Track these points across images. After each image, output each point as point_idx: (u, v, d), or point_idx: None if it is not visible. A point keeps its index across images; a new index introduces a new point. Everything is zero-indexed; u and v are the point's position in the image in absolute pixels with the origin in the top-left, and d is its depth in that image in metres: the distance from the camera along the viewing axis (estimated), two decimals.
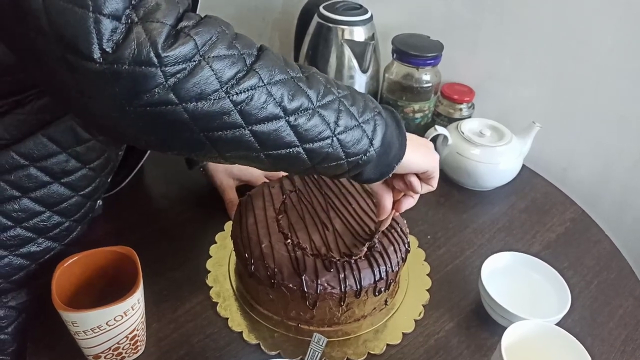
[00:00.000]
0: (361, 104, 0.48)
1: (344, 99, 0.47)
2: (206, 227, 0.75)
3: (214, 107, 0.39)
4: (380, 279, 0.60)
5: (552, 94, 0.92)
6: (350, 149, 0.47)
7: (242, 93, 0.40)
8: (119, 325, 0.52)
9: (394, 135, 0.50)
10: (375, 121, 0.48)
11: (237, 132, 0.41)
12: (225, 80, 0.39)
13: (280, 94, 0.41)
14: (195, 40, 0.38)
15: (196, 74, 0.37)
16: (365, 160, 0.48)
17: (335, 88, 0.47)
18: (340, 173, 0.49)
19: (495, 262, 0.66)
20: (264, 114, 0.41)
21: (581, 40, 0.85)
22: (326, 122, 0.45)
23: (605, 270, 0.73)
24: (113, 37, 0.35)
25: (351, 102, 0.47)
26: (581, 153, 0.93)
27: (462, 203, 0.85)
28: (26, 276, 0.57)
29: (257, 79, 0.40)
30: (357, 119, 0.47)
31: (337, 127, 0.45)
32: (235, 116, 0.40)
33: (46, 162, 0.51)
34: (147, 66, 0.36)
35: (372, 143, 0.48)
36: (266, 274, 0.59)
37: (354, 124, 0.46)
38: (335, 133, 0.45)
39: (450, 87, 0.95)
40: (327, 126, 0.45)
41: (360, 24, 0.89)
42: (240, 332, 0.61)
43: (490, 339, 0.63)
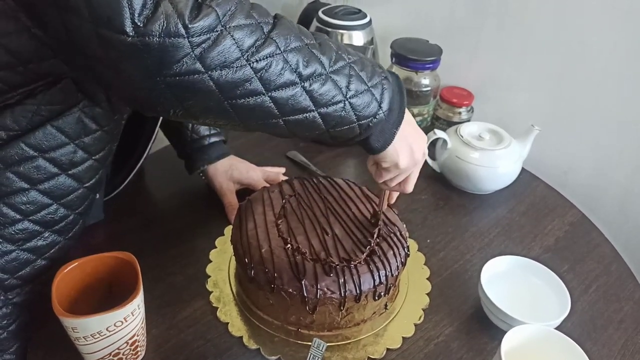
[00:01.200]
0: (369, 69, 0.50)
1: (354, 64, 0.49)
2: (206, 231, 0.75)
3: (237, 75, 0.41)
4: (380, 283, 0.60)
5: (551, 98, 0.92)
6: (361, 112, 0.49)
7: (261, 60, 0.42)
8: (119, 331, 0.52)
9: (395, 101, 0.53)
10: (382, 85, 0.51)
11: (259, 99, 0.43)
12: (245, 48, 0.41)
13: (295, 61, 0.44)
14: (217, 11, 0.39)
15: (220, 43, 0.39)
16: (375, 122, 0.51)
17: (346, 54, 0.49)
18: (352, 136, 0.51)
19: (495, 266, 0.66)
20: (282, 80, 0.43)
21: (580, 44, 0.85)
22: (338, 86, 0.47)
23: (605, 274, 0.73)
24: (144, 12, 0.37)
25: (360, 67, 0.49)
26: (581, 156, 0.93)
27: (461, 207, 0.85)
28: (31, 271, 0.57)
29: (275, 46, 0.42)
30: (366, 83, 0.49)
31: (349, 91, 0.47)
32: (256, 83, 0.42)
33: (55, 153, 0.52)
34: (175, 37, 0.38)
35: (381, 106, 0.50)
36: (266, 279, 0.59)
37: (364, 88, 0.49)
38: (347, 97, 0.47)
39: (450, 90, 0.95)
40: (340, 91, 0.47)
41: (359, 28, 0.90)
42: (241, 337, 0.61)
43: (490, 343, 0.63)
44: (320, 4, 0.99)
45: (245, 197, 0.70)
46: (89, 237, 0.72)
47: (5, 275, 0.54)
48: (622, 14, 0.79)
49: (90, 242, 0.71)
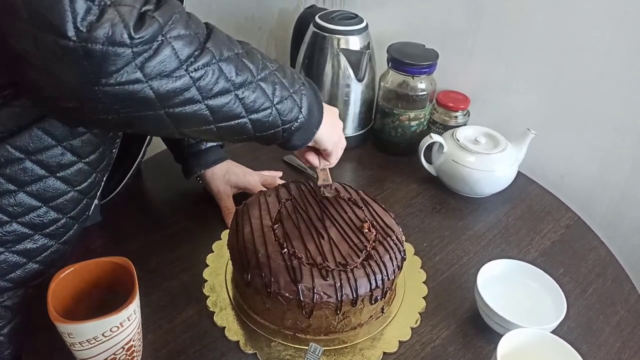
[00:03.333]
0: (290, 76, 0.54)
1: (277, 71, 0.52)
2: (203, 235, 0.75)
3: (176, 84, 0.42)
4: (377, 287, 0.60)
5: (547, 101, 0.92)
6: (285, 117, 0.52)
7: (199, 70, 0.43)
8: (115, 336, 0.51)
9: (314, 103, 0.57)
10: (302, 91, 0.54)
11: (195, 107, 0.44)
12: (184, 58, 0.42)
13: (229, 69, 0.46)
14: (159, 21, 0.40)
15: (160, 53, 0.40)
16: (296, 126, 0.54)
17: (269, 62, 0.52)
18: (274, 140, 0.55)
19: (491, 270, 0.67)
20: (218, 88, 0.45)
21: (576, 48, 0.86)
22: (266, 93, 0.50)
23: (601, 277, 0.74)
24: (87, 17, 0.37)
25: (283, 74, 0.53)
26: (577, 160, 0.93)
27: (458, 210, 0.85)
28: (23, 275, 0.56)
29: (211, 56, 0.44)
30: (289, 89, 0.52)
31: (275, 97, 0.51)
32: (194, 91, 0.43)
33: (42, 156, 0.52)
34: (120, 46, 0.38)
35: (302, 111, 0.54)
36: (262, 283, 0.59)
37: (287, 94, 0.52)
38: (274, 103, 0.51)
39: (446, 95, 0.96)
40: (267, 97, 0.50)
41: (355, 33, 0.90)
42: (237, 341, 0.61)
43: (486, 346, 0.63)
44: (317, 9, 0.99)
45: (242, 201, 0.71)
46: (86, 242, 0.72)
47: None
48: (617, 18, 0.80)
49: (87, 246, 0.71)
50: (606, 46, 0.83)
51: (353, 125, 0.97)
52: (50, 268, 0.60)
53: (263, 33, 1.22)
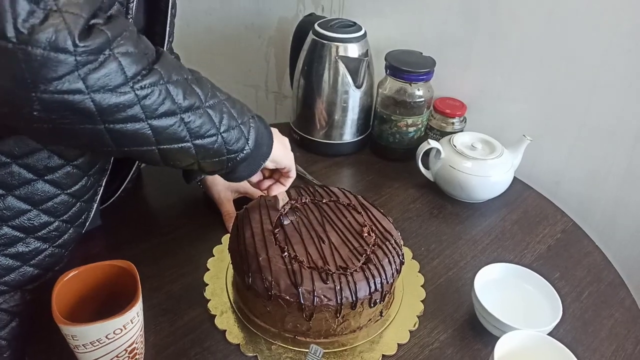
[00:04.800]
0: (238, 107, 0.54)
1: (226, 101, 0.53)
2: (204, 240, 0.76)
3: (120, 99, 0.42)
4: (376, 290, 0.61)
5: (542, 109, 0.94)
6: (231, 146, 0.53)
7: (145, 88, 0.43)
8: (118, 339, 0.52)
9: (264, 136, 0.57)
10: (250, 124, 0.55)
11: (138, 125, 0.44)
12: (131, 75, 0.42)
13: (176, 92, 0.46)
14: (108, 35, 0.40)
15: (106, 66, 0.40)
16: (242, 157, 0.55)
17: (219, 92, 0.53)
18: (218, 169, 0.55)
19: (488, 274, 0.68)
20: (163, 109, 0.45)
21: (570, 57, 0.87)
22: (213, 120, 0.50)
23: (596, 281, 0.75)
24: (29, 20, 0.36)
25: (232, 104, 0.53)
26: (572, 167, 0.95)
27: (455, 215, 0.86)
28: (18, 278, 0.56)
29: (159, 76, 0.44)
30: (237, 119, 0.53)
31: (222, 125, 0.51)
32: (137, 109, 0.43)
33: (28, 160, 0.52)
34: (62, 53, 0.37)
35: (248, 142, 0.55)
36: (263, 287, 0.60)
37: (235, 124, 0.52)
38: (220, 131, 0.51)
39: (443, 101, 0.97)
40: (214, 124, 0.50)
41: (354, 40, 0.91)
42: (238, 344, 0.62)
43: (483, 349, 0.64)
44: (316, 16, 1.01)
45: (243, 206, 0.71)
46: (88, 247, 0.73)
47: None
48: (609, 28, 0.82)
49: (88, 251, 0.72)
50: (599, 55, 0.84)
51: (351, 132, 0.98)
52: (47, 272, 0.60)
53: (262, 41, 1.23)
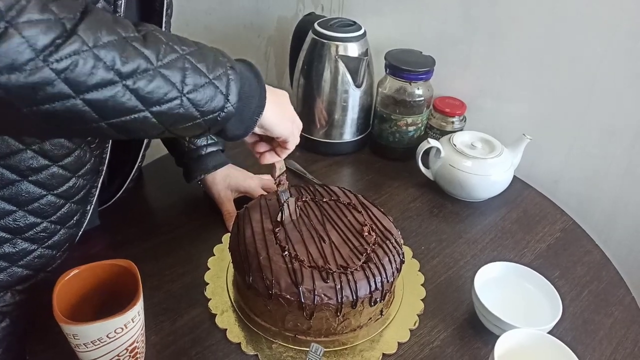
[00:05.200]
0: (211, 60, 0.47)
1: (189, 55, 0.45)
2: (204, 239, 0.76)
3: (32, 78, 0.36)
4: (376, 289, 0.61)
5: (542, 108, 0.94)
6: (204, 107, 0.46)
7: (63, 60, 0.37)
8: (119, 338, 0.52)
9: (252, 88, 0.50)
10: (228, 76, 0.47)
11: (68, 103, 0.38)
12: (40, 47, 0.36)
13: (111, 57, 0.39)
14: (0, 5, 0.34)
15: (4, 42, 0.34)
16: (224, 117, 0.48)
17: (179, 45, 0.45)
18: (200, 132, 0.49)
19: (488, 272, 0.68)
20: (95, 80, 0.39)
21: (570, 57, 0.88)
22: (171, 82, 0.43)
23: (595, 280, 0.75)
24: None
25: (198, 58, 0.46)
26: (571, 166, 0.95)
27: (455, 214, 0.86)
28: (6, 279, 0.56)
29: (80, 42, 0.38)
30: (207, 75, 0.46)
31: (185, 86, 0.44)
32: (61, 85, 0.37)
33: (11, 160, 0.50)
34: None
35: (228, 99, 0.47)
36: (264, 286, 0.60)
37: (204, 81, 0.45)
38: (183, 92, 0.44)
39: (442, 100, 0.97)
40: (173, 86, 0.43)
41: (354, 40, 0.91)
42: (239, 343, 0.62)
43: (484, 348, 0.64)
44: (316, 16, 1.01)
45: (243, 205, 0.72)
46: (88, 246, 0.73)
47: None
48: (608, 27, 0.82)
49: (89, 250, 0.72)
50: (598, 55, 0.85)
51: (351, 131, 0.98)
52: (38, 272, 0.60)
53: (262, 40, 1.23)
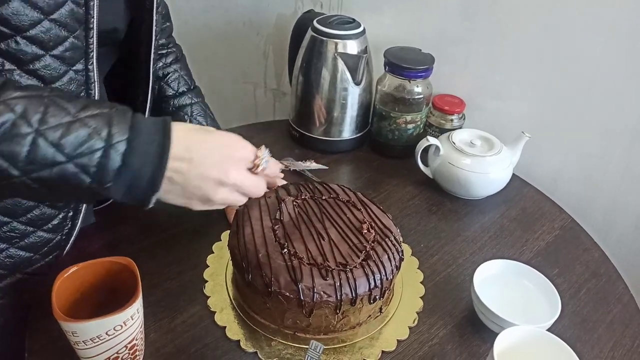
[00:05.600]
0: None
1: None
2: (203, 237, 0.76)
3: None
4: (375, 286, 0.61)
5: (541, 106, 0.94)
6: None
7: None
8: (118, 335, 0.52)
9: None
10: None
11: None
12: None
13: None
14: None
15: None
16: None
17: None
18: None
19: (487, 270, 0.68)
20: None
21: (569, 56, 0.88)
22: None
23: (594, 277, 0.75)
24: None
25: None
26: (569, 164, 0.95)
27: (453, 212, 0.86)
28: None
29: None
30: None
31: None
32: None
33: None
34: None
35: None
36: (263, 283, 0.60)
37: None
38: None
39: (441, 98, 0.97)
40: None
41: (353, 37, 0.91)
42: (238, 340, 0.62)
43: (483, 345, 0.64)
44: (315, 13, 1.01)
45: None
46: (86, 244, 0.72)
47: None
48: (608, 27, 0.82)
49: (86, 249, 0.72)
50: (598, 54, 0.85)
51: (350, 129, 0.98)
52: (13, 273, 0.61)
53: (261, 38, 1.23)
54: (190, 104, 0.82)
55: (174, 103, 0.81)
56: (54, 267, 0.67)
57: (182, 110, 0.81)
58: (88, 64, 0.55)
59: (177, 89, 0.81)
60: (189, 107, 0.81)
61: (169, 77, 0.81)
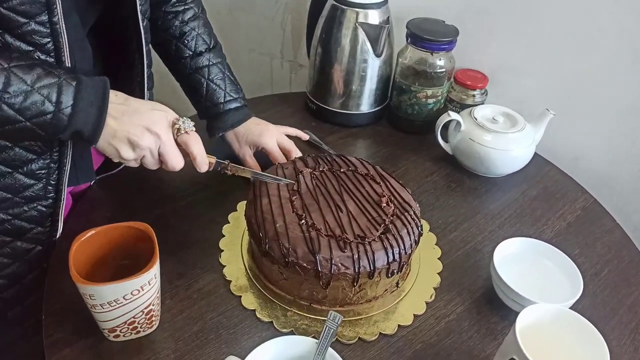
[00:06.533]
0: (38, 72, 0.52)
1: (15, 68, 0.50)
2: (219, 206, 0.75)
3: None
4: (394, 260, 0.60)
5: (565, 83, 0.91)
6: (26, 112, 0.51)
7: None
8: (135, 300, 0.52)
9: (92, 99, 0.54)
10: (59, 86, 0.53)
11: None
12: None
13: None
14: None
15: None
16: (55, 121, 0.53)
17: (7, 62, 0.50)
18: (36, 136, 0.56)
19: (507, 247, 0.66)
20: None
21: (597, 30, 0.84)
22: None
23: (616, 259, 0.73)
24: None
25: (24, 71, 0.51)
26: (592, 143, 0.93)
27: (473, 189, 0.84)
28: None
29: None
30: (27, 84, 0.51)
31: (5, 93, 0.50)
32: None
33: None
34: None
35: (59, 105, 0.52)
36: (280, 253, 0.59)
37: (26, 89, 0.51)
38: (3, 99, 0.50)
39: (464, 73, 0.94)
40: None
41: (374, 7, 0.88)
42: (253, 310, 0.62)
43: (500, 322, 0.63)
44: None
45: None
46: (102, 210, 0.72)
47: None
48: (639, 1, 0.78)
49: (102, 215, 0.72)
50: (629, 30, 0.81)
51: (369, 102, 0.96)
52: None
53: (279, 6, 1.20)
54: (207, 66, 0.78)
55: (191, 65, 0.77)
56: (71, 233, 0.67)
57: (199, 72, 0.77)
58: (52, 16, 0.53)
59: (195, 49, 0.77)
60: (206, 69, 0.78)
61: (186, 36, 0.77)
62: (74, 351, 0.56)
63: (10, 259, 0.67)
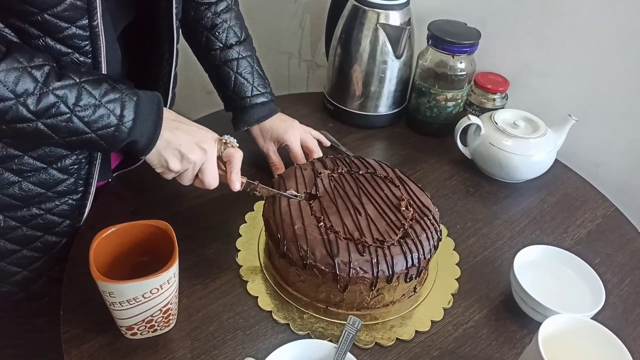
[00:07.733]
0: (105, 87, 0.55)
1: (85, 83, 0.54)
2: (235, 206, 0.75)
3: None
4: (413, 265, 0.59)
5: (587, 88, 0.90)
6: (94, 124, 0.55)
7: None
8: (154, 298, 0.52)
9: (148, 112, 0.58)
10: (122, 100, 0.56)
11: None
12: None
13: (12, 79, 0.49)
14: None
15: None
16: (119, 134, 0.56)
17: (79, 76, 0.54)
18: (98, 148, 0.59)
19: (527, 255, 0.66)
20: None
21: (621, 35, 0.83)
22: (64, 101, 0.53)
23: (637, 269, 0.72)
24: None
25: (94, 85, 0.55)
26: (614, 150, 0.91)
27: (492, 194, 0.83)
28: None
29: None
30: (96, 98, 0.54)
31: (77, 106, 0.53)
32: None
33: None
34: None
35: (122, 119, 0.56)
36: (298, 255, 0.59)
37: (93, 102, 0.54)
38: (74, 111, 0.53)
39: (484, 76, 0.93)
40: (66, 105, 0.53)
41: (396, 8, 0.88)
42: (270, 311, 0.61)
43: (519, 331, 0.62)
44: None
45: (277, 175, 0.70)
46: (120, 207, 0.72)
47: None
48: None
49: (121, 212, 0.72)
50: None
51: (387, 104, 0.95)
52: (28, 206, 0.63)
53: (299, 6, 1.20)
54: (236, 59, 0.78)
55: (220, 57, 0.77)
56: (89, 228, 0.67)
57: (228, 65, 0.77)
58: (92, 21, 0.54)
59: (225, 41, 0.77)
60: (234, 62, 0.78)
61: (217, 28, 0.76)
62: (92, 346, 0.56)
63: (41, 253, 0.67)
